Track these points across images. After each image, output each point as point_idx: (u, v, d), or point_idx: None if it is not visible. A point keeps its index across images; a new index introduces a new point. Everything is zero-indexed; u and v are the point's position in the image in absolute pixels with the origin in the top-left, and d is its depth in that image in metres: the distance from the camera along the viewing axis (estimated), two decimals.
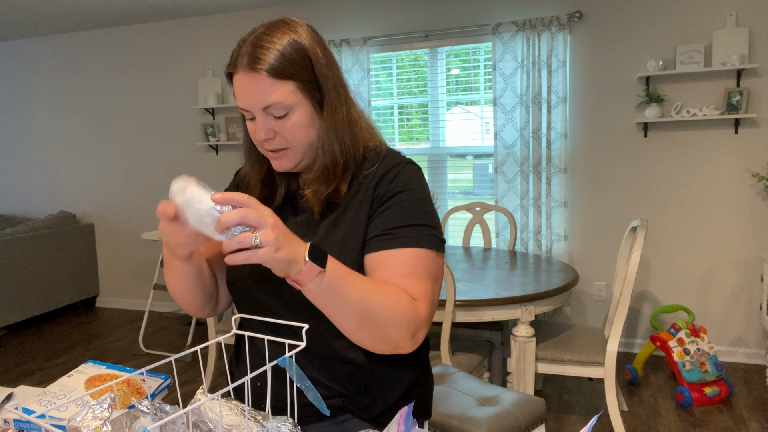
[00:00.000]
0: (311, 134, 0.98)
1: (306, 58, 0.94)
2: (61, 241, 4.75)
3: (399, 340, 0.90)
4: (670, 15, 3.45)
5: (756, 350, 3.47)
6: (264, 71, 0.91)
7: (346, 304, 0.85)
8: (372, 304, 0.86)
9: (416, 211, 0.97)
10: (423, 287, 0.93)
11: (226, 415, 0.87)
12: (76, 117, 5.05)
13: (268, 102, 0.92)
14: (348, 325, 0.87)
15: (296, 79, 0.93)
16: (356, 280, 0.86)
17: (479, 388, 1.91)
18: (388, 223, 0.96)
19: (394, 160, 1.03)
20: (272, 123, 0.95)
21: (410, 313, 0.89)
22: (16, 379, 3.50)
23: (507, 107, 3.74)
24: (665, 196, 3.57)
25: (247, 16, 4.43)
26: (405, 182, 0.99)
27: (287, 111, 0.94)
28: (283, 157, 0.99)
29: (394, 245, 0.94)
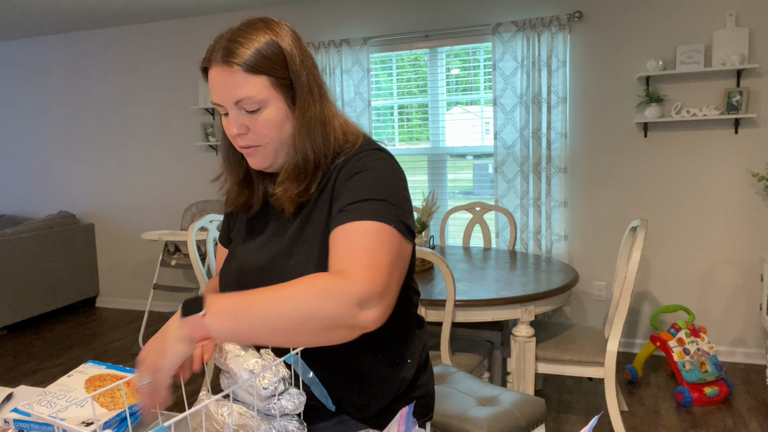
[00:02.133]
0: (284, 132, 0.97)
1: (280, 55, 0.94)
2: (61, 241, 4.75)
3: (343, 324, 0.79)
4: (670, 15, 3.45)
5: (756, 350, 3.47)
6: (237, 65, 0.91)
7: (257, 323, 0.77)
8: (282, 308, 0.78)
9: (375, 187, 0.91)
10: (364, 259, 0.82)
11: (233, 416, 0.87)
12: (76, 117, 5.05)
13: (239, 96, 0.92)
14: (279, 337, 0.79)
15: (270, 75, 0.93)
16: (253, 297, 0.79)
17: (479, 388, 1.91)
18: (343, 201, 0.92)
19: (362, 148, 1.01)
20: (245, 118, 0.95)
21: (335, 292, 0.79)
22: (16, 379, 3.50)
23: (507, 107, 3.74)
24: (665, 196, 3.57)
25: (246, 17, 4.43)
26: (367, 163, 0.96)
27: (259, 106, 0.93)
28: (257, 155, 0.99)
29: (345, 220, 0.88)
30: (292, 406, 0.86)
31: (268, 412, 0.87)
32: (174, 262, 4.15)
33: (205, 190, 4.71)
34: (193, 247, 2.68)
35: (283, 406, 0.86)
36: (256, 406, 0.86)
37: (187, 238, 2.68)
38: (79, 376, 1.04)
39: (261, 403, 0.86)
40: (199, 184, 4.72)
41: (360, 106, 4.08)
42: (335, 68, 4.08)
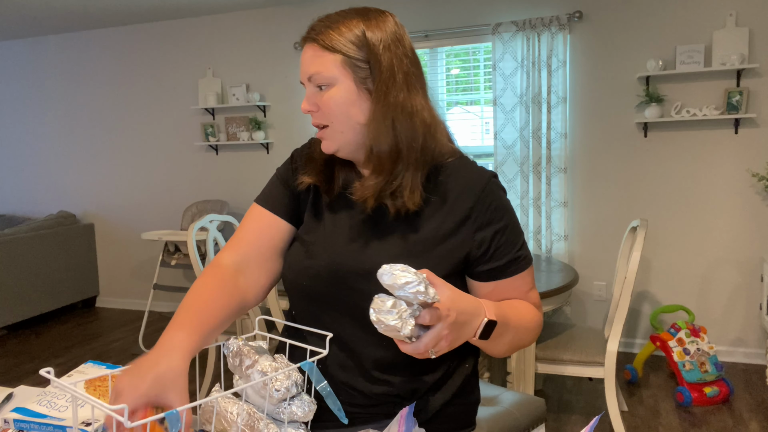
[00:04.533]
0: (352, 114, 0.95)
1: (360, 36, 0.94)
2: (61, 241, 4.75)
3: (529, 345, 1.05)
4: (670, 15, 3.45)
5: (756, 350, 3.47)
6: (314, 41, 0.94)
7: (502, 344, 0.95)
8: (520, 331, 0.97)
9: (518, 236, 1.02)
10: (537, 295, 1.06)
11: (241, 414, 0.87)
12: (76, 117, 5.05)
13: (311, 71, 0.94)
14: (497, 350, 0.97)
15: (342, 53, 0.93)
16: (511, 321, 0.94)
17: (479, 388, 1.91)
18: (510, 251, 1.00)
19: (480, 174, 1.01)
20: (316, 95, 0.96)
21: (539, 323, 1.03)
22: (16, 379, 3.50)
23: (507, 107, 3.74)
24: (665, 196, 3.57)
25: (247, 16, 4.43)
26: (503, 206, 1.01)
27: (328, 83, 0.94)
28: (325, 137, 0.98)
29: (523, 269, 1.02)
30: (301, 413, 0.86)
31: (277, 416, 0.87)
32: (174, 262, 4.15)
33: (205, 190, 4.71)
34: (193, 247, 2.68)
35: (293, 412, 0.86)
36: (266, 409, 0.87)
37: (187, 238, 2.68)
38: (79, 376, 1.04)
39: (271, 407, 0.86)
40: (199, 184, 4.72)
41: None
42: None
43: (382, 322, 0.73)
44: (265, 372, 0.84)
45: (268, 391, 0.84)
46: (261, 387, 0.85)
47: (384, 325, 0.74)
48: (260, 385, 0.85)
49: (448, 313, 0.78)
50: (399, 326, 0.73)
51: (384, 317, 0.73)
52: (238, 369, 0.89)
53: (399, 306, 0.73)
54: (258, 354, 0.89)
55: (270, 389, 0.83)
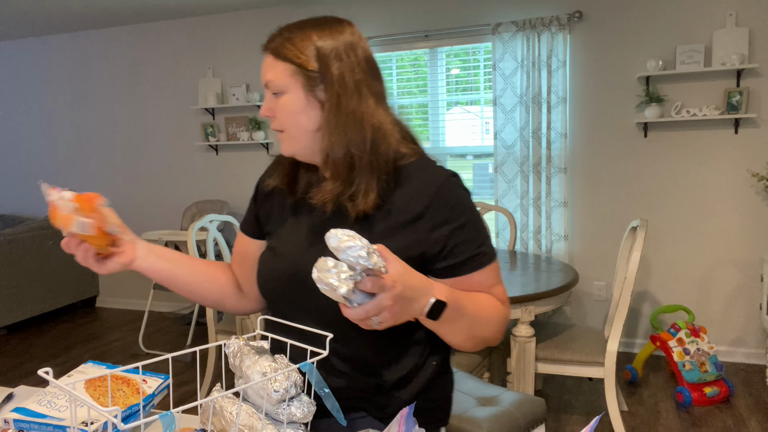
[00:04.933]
0: (302, 122, 1.00)
1: (311, 47, 0.98)
2: (61, 241, 4.75)
3: (493, 340, 1.03)
4: (670, 15, 3.45)
5: (756, 350, 3.47)
6: (269, 50, 1.00)
7: (457, 329, 0.95)
8: (478, 323, 0.98)
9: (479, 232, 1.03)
10: (503, 290, 1.06)
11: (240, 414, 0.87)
12: (76, 117, 5.05)
13: (265, 79, 1.01)
14: (455, 339, 0.98)
15: (292, 62, 0.98)
16: (469, 309, 0.95)
17: (479, 388, 1.91)
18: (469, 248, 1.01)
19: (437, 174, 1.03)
20: (272, 101, 1.01)
21: (503, 317, 1.03)
22: (16, 379, 3.50)
23: (507, 107, 3.74)
24: (665, 196, 3.57)
25: (247, 16, 4.43)
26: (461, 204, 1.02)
27: (280, 90, 0.99)
28: (282, 140, 1.04)
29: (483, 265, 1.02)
30: (300, 414, 0.86)
31: (276, 417, 0.87)
32: None
33: (205, 190, 4.71)
34: (193, 247, 2.68)
35: (292, 413, 0.86)
36: (265, 409, 0.87)
37: (187, 238, 2.68)
38: (79, 376, 1.04)
39: (270, 407, 0.86)
40: (199, 184, 4.72)
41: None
42: None
43: (322, 280, 0.77)
44: (264, 372, 0.84)
45: (266, 391, 0.84)
46: (260, 387, 0.85)
47: (323, 283, 0.77)
48: (260, 386, 0.85)
49: (394, 285, 0.80)
50: (336, 285, 0.76)
51: (324, 275, 0.76)
52: (238, 369, 0.90)
53: (340, 267, 0.76)
54: (258, 354, 0.89)
55: (269, 390, 0.83)
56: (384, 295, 0.79)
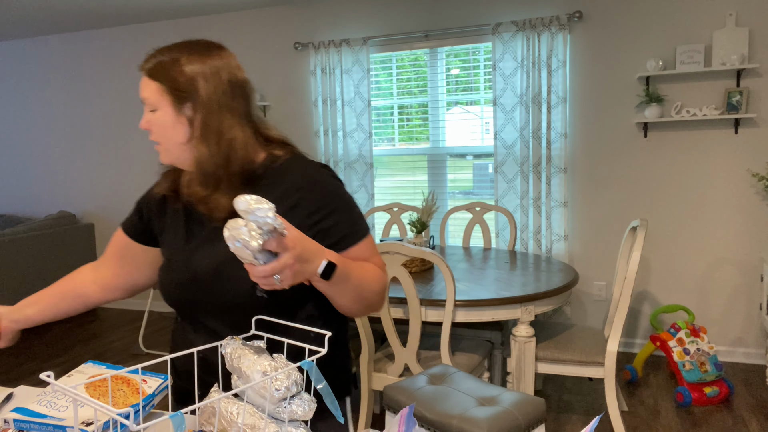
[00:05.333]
0: (172, 136, 1.11)
1: (180, 69, 1.08)
2: (61, 241, 4.75)
3: (378, 305, 1.16)
4: (670, 15, 3.45)
5: (756, 350, 3.47)
6: (144, 70, 1.11)
7: (346, 290, 1.06)
8: (364, 285, 1.09)
9: (350, 213, 1.15)
10: (380, 260, 1.20)
11: (241, 414, 0.87)
12: (76, 117, 5.05)
13: (142, 95, 1.11)
14: (344, 302, 1.09)
15: (161, 83, 1.09)
16: (354, 272, 1.06)
17: (479, 388, 1.91)
18: (343, 228, 1.14)
19: (307, 168, 1.16)
20: (149, 116, 1.12)
21: (384, 282, 1.16)
22: (16, 379, 3.50)
23: (507, 107, 3.74)
24: (665, 196, 3.57)
25: (247, 16, 4.44)
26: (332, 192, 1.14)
27: (153, 108, 1.10)
28: (159, 151, 1.15)
29: (357, 240, 1.15)
30: (302, 412, 0.87)
31: (277, 415, 0.87)
32: None
33: None
34: None
35: (293, 411, 0.86)
36: (267, 408, 0.87)
37: None
38: (78, 376, 1.04)
39: (271, 406, 0.86)
40: None
41: (360, 106, 4.08)
42: (335, 68, 4.09)
43: (235, 237, 0.83)
44: (265, 372, 0.85)
45: (268, 390, 0.84)
46: (261, 386, 0.85)
47: (236, 240, 0.83)
48: (260, 385, 0.85)
49: (294, 246, 0.90)
50: (248, 240, 0.83)
51: (236, 232, 0.84)
52: (236, 369, 0.90)
53: (250, 226, 0.84)
54: (257, 354, 0.89)
55: (270, 389, 0.84)
56: (287, 255, 0.89)
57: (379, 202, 4.28)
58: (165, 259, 1.21)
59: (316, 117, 4.25)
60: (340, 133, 4.16)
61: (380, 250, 2.27)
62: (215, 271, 1.10)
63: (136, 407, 0.96)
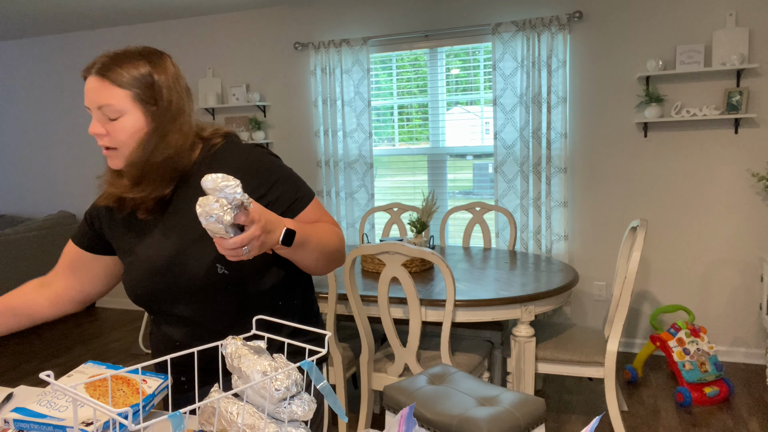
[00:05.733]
0: (136, 140, 1.14)
1: (148, 78, 1.13)
2: (61, 241, 4.75)
3: (341, 259, 1.27)
4: (670, 15, 3.45)
5: (756, 350, 3.47)
6: (104, 76, 1.11)
7: (308, 251, 1.14)
8: (323, 244, 1.17)
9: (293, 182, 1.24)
10: (330, 217, 1.28)
11: (241, 414, 0.87)
12: (76, 117, 5.05)
13: (100, 102, 1.11)
14: (309, 263, 1.17)
15: (132, 91, 1.12)
16: (312, 233, 1.14)
17: (479, 388, 1.91)
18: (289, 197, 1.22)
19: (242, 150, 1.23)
20: (105, 123, 1.13)
21: (340, 236, 1.26)
22: (16, 379, 3.50)
23: (507, 107, 3.74)
24: (665, 196, 3.57)
25: (247, 16, 4.44)
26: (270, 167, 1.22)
27: (118, 115, 1.11)
28: (113, 156, 1.16)
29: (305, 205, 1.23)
30: (302, 412, 0.87)
31: (277, 416, 0.87)
32: None
33: None
34: None
35: (293, 411, 0.86)
36: (266, 408, 0.87)
37: None
38: (78, 376, 1.04)
39: (271, 406, 0.86)
40: None
41: (360, 106, 4.08)
42: (335, 68, 4.09)
43: (207, 212, 0.89)
44: (265, 372, 0.85)
45: (268, 390, 0.84)
46: (261, 387, 0.85)
47: (209, 215, 0.89)
48: (260, 385, 0.85)
49: (260, 218, 0.97)
50: (221, 213, 0.89)
51: (208, 208, 0.89)
52: (236, 369, 0.90)
53: (221, 201, 0.89)
54: (256, 354, 0.89)
55: (270, 389, 0.84)
56: (254, 226, 0.95)
57: (379, 202, 4.28)
58: (125, 263, 1.25)
59: (316, 117, 4.25)
60: (340, 133, 4.16)
61: (380, 250, 2.27)
62: (172, 259, 1.16)
63: (136, 407, 0.96)
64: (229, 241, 0.94)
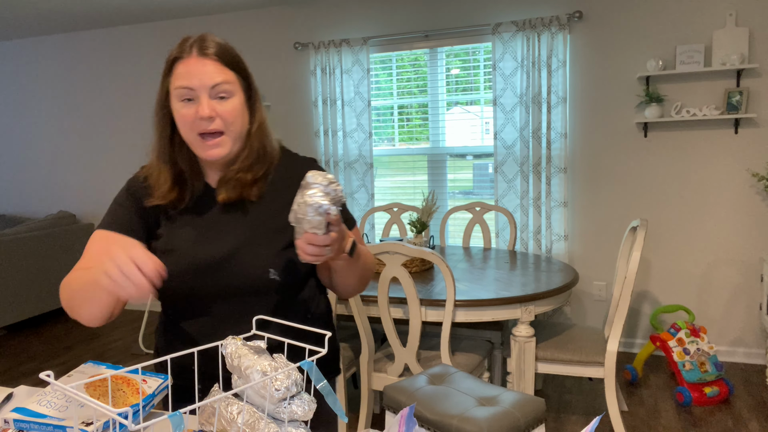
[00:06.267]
0: (243, 125, 1.16)
1: (242, 61, 1.16)
2: (61, 241, 4.75)
3: (368, 281, 1.28)
4: (670, 15, 3.45)
5: (756, 350, 3.47)
6: (215, 56, 1.11)
7: (357, 268, 1.19)
8: (367, 264, 1.23)
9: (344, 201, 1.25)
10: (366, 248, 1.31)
11: (241, 414, 0.87)
12: (76, 117, 5.05)
13: (217, 80, 1.09)
14: (352, 280, 1.20)
15: (236, 72, 1.14)
16: (362, 251, 1.19)
17: (479, 388, 1.91)
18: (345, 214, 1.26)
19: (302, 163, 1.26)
20: (215, 104, 1.10)
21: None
22: (16, 379, 3.50)
23: (507, 107, 3.74)
24: (665, 196, 3.57)
25: (247, 16, 4.44)
26: None
27: (229, 96, 1.11)
28: (218, 145, 1.13)
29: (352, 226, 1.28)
30: (302, 412, 0.87)
31: (277, 416, 0.87)
32: None
33: None
34: None
35: (293, 411, 0.86)
36: (266, 408, 0.87)
37: None
38: (79, 376, 1.04)
39: (271, 406, 0.86)
40: None
41: (360, 106, 4.08)
42: (335, 68, 4.08)
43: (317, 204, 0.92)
44: (265, 372, 0.85)
45: (268, 390, 0.84)
46: (261, 387, 0.85)
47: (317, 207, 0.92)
48: (260, 385, 0.85)
49: (340, 222, 1.01)
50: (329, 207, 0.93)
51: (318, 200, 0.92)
52: (237, 369, 0.90)
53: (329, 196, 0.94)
54: (256, 354, 0.89)
55: (270, 389, 0.84)
56: (337, 229, 0.99)
57: (379, 202, 4.28)
58: (166, 250, 1.17)
59: (316, 117, 4.25)
60: (340, 133, 4.15)
61: (380, 250, 2.27)
62: (225, 258, 1.14)
63: (136, 407, 0.96)
64: (322, 237, 0.96)
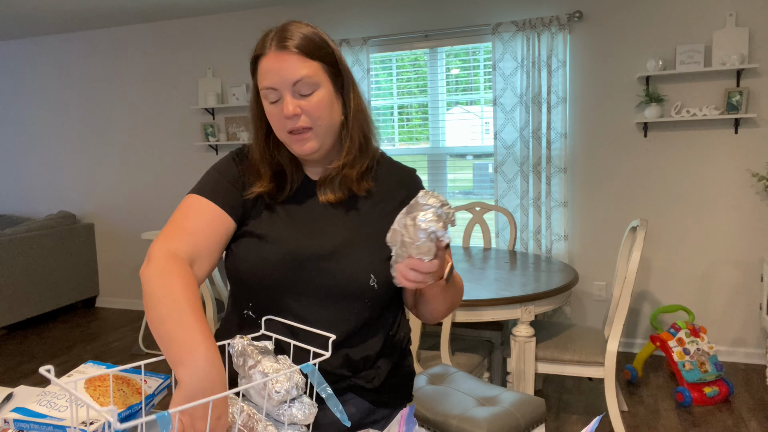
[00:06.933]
0: (333, 117, 1.06)
1: (327, 46, 1.05)
2: (61, 241, 4.75)
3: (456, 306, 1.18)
4: (670, 15, 3.45)
5: (756, 350, 3.47)
6: (294, 49, 1.02)
7: (449, 293, 1.10)
8: (457, 288, 1.14)
9: None
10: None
11: (241, 414, 0.87)
12: (76, 117, 5.05)
13: (298, 76, 1.01)
14: (443, 305, 1.11)
15: (321, 61, 1.04)
16: (455, 276, 1.12)
17: (479, 388, 1.91)
18: None
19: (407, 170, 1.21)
20: (299, 101, 1.03)
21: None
22: (16, 379, 3.50)
23: (507, 107, 3.74)
24: (665, 196, 3.57)
25: (247, 16, 4.43)
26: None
27: (314, 89, 1.03)
28: (308, 140, 1.05)
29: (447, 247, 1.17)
30: (302, 416, 0.86)
31: (278, 418, 0.87)
32: None
33: None
34: None
35: (293, 414, 0.86)
36: (266, 409, 0.86)
37: None
38: (79, 376, 1.04)
39: (272, 408, 0.86)
40: None
41: None
42: None
43: (430, 229, 0.84)
44: (266, 373, 0.84)
45: (267, 392, 0.84)
46: (262, 388, 0.85)
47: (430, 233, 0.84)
48: (261, 386, 0.85)
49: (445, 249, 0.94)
50: (442, 234, 0.85)
51: (434, 225, 0.84)
52: (241, 369, 0.89)
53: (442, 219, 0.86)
54: (262, 354, 0.89)
55: (270, 390, 0.83)
56: (441, 253, 0.89)
57: None
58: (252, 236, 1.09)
59: None
60: None
61: None
62: (332, 253, 1.06)
63: (137, 407, 0.96)
64: (428, 264, 0.86)
